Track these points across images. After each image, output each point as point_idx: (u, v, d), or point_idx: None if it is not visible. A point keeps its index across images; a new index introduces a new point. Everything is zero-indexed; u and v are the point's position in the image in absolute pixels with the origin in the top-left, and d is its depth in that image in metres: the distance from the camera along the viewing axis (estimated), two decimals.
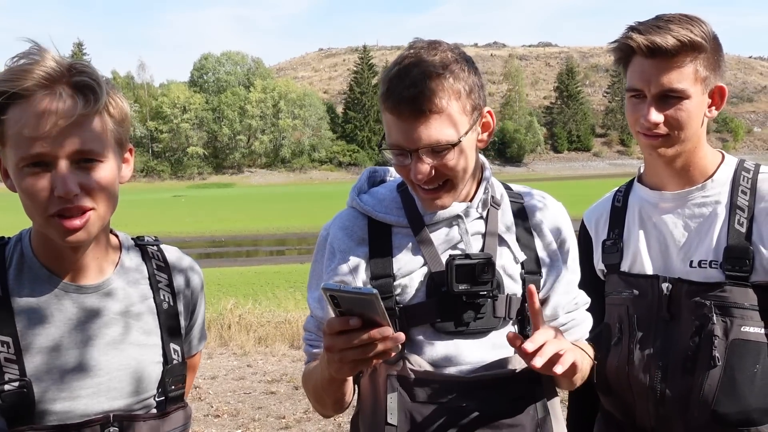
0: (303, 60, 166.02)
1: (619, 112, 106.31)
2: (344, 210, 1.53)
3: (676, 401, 1.54)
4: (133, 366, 1.35)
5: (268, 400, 5.62)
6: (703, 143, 1.62)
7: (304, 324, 1.56)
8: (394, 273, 1.41)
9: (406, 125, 1.31)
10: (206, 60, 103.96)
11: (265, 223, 30.61)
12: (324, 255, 1.49)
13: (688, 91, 1.49)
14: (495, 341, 1.41)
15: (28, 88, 1.17)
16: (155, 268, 1.43)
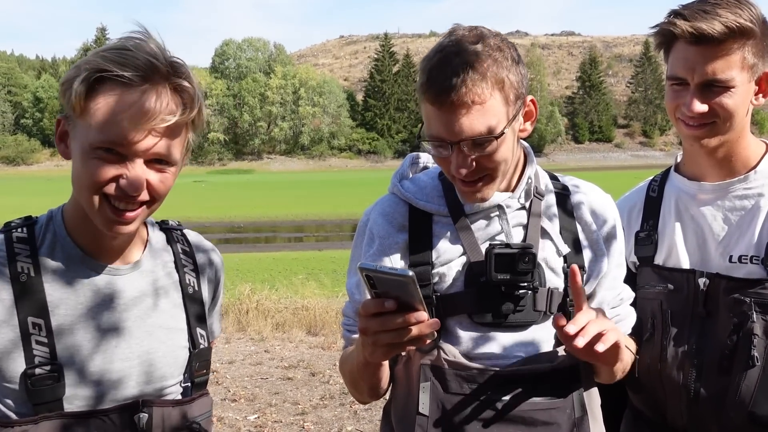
0: (324, 47, 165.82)
1: (642, 103, 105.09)
2: (385, 195, 1.51)
3: (710, 401, 1.48)
4: (162, 350, 1.33)
5: (285, 385, 5.62)
6: (747, 133, 1.54)
7: (342, 309, 1.53)
8: (433, 261, 1.38)
9: (446, 117, 1.26)
10: (227, 46, 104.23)
11: (283, 209, 30.69)
12: (363, 240, 1.48)
13: (734, 80, 1.42)
14: (534, 336, 1.37)
15: (131, 77, 1.15)
16: (180, 252, 1.42)
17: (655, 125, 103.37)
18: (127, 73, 1.14)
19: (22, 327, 1.21)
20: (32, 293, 1.23)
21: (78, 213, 1.26)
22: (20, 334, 1.21)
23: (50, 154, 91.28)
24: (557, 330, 1.24)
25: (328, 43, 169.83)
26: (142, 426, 1.25)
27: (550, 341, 1.38)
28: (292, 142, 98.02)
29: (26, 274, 1.23)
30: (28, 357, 1.20)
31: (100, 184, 1.17)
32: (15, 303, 1.21)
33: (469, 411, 1.33)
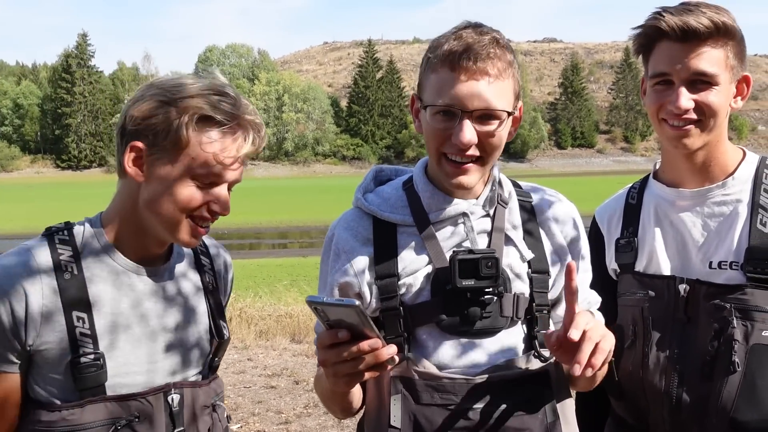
0: (308, 53, 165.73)
1: (623, 108, 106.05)
2: (349, 210, 1.51)
3: (693, 408, 1.48)
4: (191, 342, 1.49)
5: (268, 394, 5.57)
6: (725, 138, 1.55)
7: (314, 326, 1.52)
8: (399, 272, 1.38)
9: (467, 82, 1.28)
10: (211, 52, 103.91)
11: (267, 216, 30.56)
12: (329, 256, 1.48)
13: (719, 77, 1.43)
14: (504, 342, 1.37)
15: (225, 120, 1.36)
16: (200, 254, 1.58)
17: (636, 131, 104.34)
18: (221, 117, 1.35)
19: (67, 321, 1.35)
20: (76, 290, 1.37)
21: (128, 222, 1.43)
22: (66, 327, 1.35)
23: (30, 161, 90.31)
24: (551, 350, 1.25)
25: (312, 50, 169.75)
26: (175, 405, 1.42)
27: (519, 347, 1.38)
28: (276, 149, 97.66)
29: (70, 272, 1.37)
30: (74, 347, 1.35)
31: (194, 207, 1.37)
32: (61, 299, 1.35)
33: (441, 421, 1.32)
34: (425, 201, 1.42)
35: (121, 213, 1.44)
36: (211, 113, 1.34)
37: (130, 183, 1.40)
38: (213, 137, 1.35)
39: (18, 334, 1.33)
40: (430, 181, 1.43)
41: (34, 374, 1.38)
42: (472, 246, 1.39)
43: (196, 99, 1.35)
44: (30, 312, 1.33)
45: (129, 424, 1.36)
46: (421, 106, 1.36)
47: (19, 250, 1.40)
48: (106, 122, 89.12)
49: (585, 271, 1.50)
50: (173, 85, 1.38)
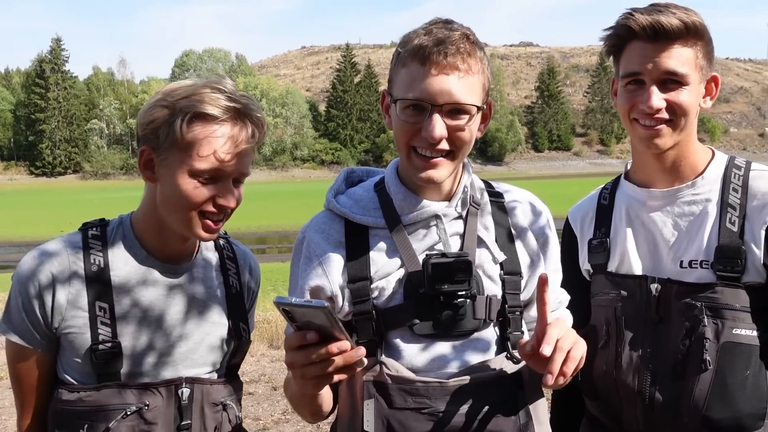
0: (285, 58, 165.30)
1: (599, 112, 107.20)
2: (320, 212, 1.50)
3: (665, 406, 1.48)
4: (207, 341, 1.54)
5: (246, 401, 5.51)
6: (694, 138, 1.56)
7: (285, 329, 1.50)
8: (371, 275, 1.37)
9: (437, 77, 1.27)
10: (188, 56, 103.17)
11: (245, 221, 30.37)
12: (300, 259, 1.46)
13: (689, 77, 1.45)
14: (476, 344, 1.37)
15: (220, 115, 1.40)
16: (226, 257, 1.63)
17: (612, 134, 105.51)
18: (215, 112, 1.39)
19: (90, 309, 1.46)
20: (101, 282, 1.47)
21: (151, 221, 1.51)
22: (88, 315, 1.46)
23: (3, 168, 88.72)
24: (524, 357, 1.26)
25: (290, 54, 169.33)
26: (185, 399, 1.48)
27: (492, 348, 1.38)
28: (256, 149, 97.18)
29: (97, 265, 1.48)
30: (94, 335, 1.45)
31: (197, 201, 1.42)
32: (86, 288, 1.46)
33: (414, 425, 1.31)
34: (397, 203, 1.41)
35: (145, 213, 1.52)
36: (203, 109, 1.38)
37: (150, 185, 1.49)
38: (207, 133, 1.39)
39: (46, 317, 1.45)
40: (402, 182, 1.42)
41: (61, 357, 1.49)
42: (445, 249, 1.38)
43: (189, 98, 1.40)
44: (57, 298, 1.44)
45: (138, 411, 1.44)
46: (391, 101, 1.35)
47: (55, 240, 1.51)
48: (81, 128, 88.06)
49: (555, 271, 1.51)
50: (171, 88, 1.44)
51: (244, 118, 1.44)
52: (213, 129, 1.40)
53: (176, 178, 1.41)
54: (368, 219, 1.42)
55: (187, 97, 1.40)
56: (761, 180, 1.51)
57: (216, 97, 1.40)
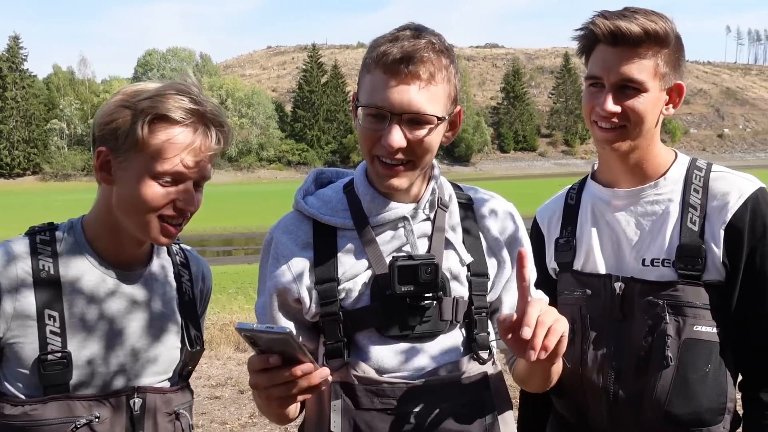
0: (251, 58, 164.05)
1: (563, 113, 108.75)
2: (288, 213, 1.49)
3: (629, 402, 1.51)
4: (160, 349, 1.50)
5: (212, 405, 5.45)
6: (657, 141, 1.59)
7: None
8: (339, 277, 1.36)
9: (397, 86, 1.27)
10: (151, 56, 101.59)
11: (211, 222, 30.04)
12: (267, 260, 1.45)
13: (646, 84, 1.47)
14: (443, 345, 1.37)
15: (182, 118, 1.37)
16: (179, 263, 1.60)
17: (576, 134, 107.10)
18: (178, 115, 1.36)
19: (39, 318, 1.39)
20: (51, 288, 1.41)
21: (104, 225, 1.46)
22: (37, 324, 1.39)
23: None
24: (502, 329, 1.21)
25: (255, 54, 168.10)
26: (137, 410, 1.44)
27: (459, 350, 1.39)
28: (219, 154, 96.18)
29: (47, 271, 1.41)
30: (42, 344, 1.38)
31: (158, 204, 1.38)
32: (35, 296, 1.39)
33: (381, 426, 1.32)
34: (365, 204, 1.41)
35: (98, 216, 1.47)
36: (165, 112, 1.35)
37: (104, 187, 1.44)
38: (169, 135, 1.36)
39: None
40: (371, 184, 1.42)
41: (4, 368, 1.41)
42: (413, 250, 1.38)
43: (152, 99, 1.36)
44: (3, 306, 1.37)
45: (89, 424, 1.38)
46: (355, 105, 1.36)
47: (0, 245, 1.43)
48: (41, 128, 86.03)
49: (530, 271, 1.50)
50: (134, 89, 1.41)
51: (207, 122, 1.41)
52: (175, 132, 1.36)
53: (135, 181, 1.37)
54: (336, 220, 1.41)
55: (150, 99, 1.37)
56: (721, 181, 1.54)
57: (179, 99, 1.38)
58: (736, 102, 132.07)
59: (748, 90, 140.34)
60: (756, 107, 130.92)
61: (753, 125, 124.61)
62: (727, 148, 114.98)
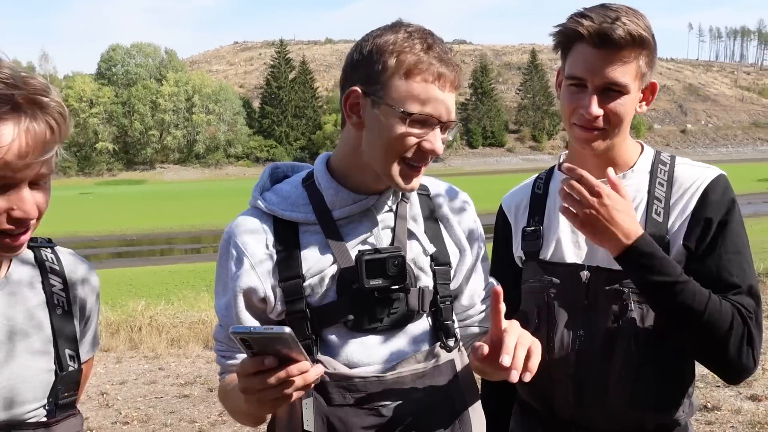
0: (217, 53, 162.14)
1: (531, 109, 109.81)
2: (246, 210, 1.43)
3: (594, 389, 1.54)
4: (25, 374, 1.26)
5: (181, 403, 5.40)
6: (627, 135, 1.61)
7: (213, 333, 1.46)
8: (303, 273, 1.34)
9: (444, 95, 1.31)
10: (114, 51, 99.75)
11: (179, 220, 29.69)
12: (228, 260, 1.39)
13: (629, 87, 1.47)
14: (410, 336, 1.38)
15: None
16: (49, 272, 1.34)
17: (543, 130, 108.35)
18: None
19: None
20: None
21: None
22: None
23: None
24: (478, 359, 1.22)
25: (222, 49, 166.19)
26: None
27: (426, 339, 1.40)
28: (186, 151, 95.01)
29: None
30: None
31: None
32: None
33: (355, 420, 1.32)
34: (329, 198, 1.39)
35: None
36: None
37: None
38: None
39: None
40: (333, 177, 1.41)
41: None
42: (377, 243, 1.38)
43: None
44: None
45: None
46: (378, 104, 1.30)
47: None
48: None
49: (485, 260, 1.55)
50: None
51: (33, 107, 1.12)
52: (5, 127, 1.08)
53: None
54: (298, 215, 1.38)
55: None
56: (684, 173, 1.58)
57: None
58: (699, 98, 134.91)
59: (709, 86, 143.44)
60: (717, 103, 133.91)
61: (714, 121, 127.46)
62: (689, 143, 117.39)
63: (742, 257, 1.49)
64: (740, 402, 4.69)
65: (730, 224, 1.49)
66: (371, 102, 1.31)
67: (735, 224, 1.50)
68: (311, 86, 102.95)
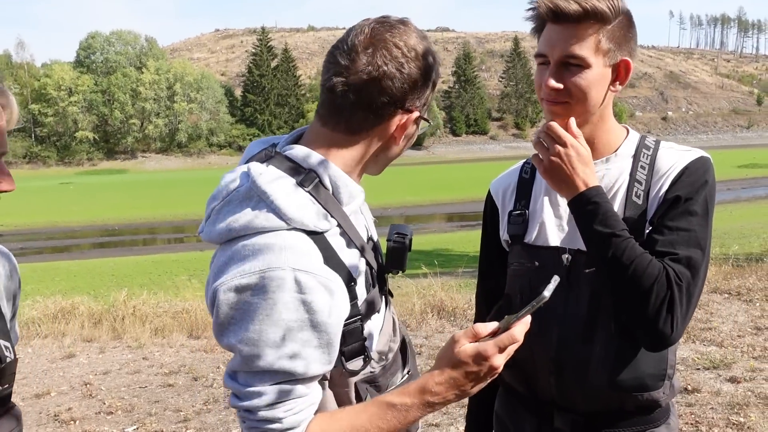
0: (198, 41, 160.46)
1: (513, 96, 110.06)
2: (291, 235, 1.18)
3: (575, 371, 1.56)
4: None
5: (166, 393, 5.38)
6: (609, 118, 1.61)
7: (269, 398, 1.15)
8: (352, 276, 1.26)
9: None
10: (93, 39, 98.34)
11: (162, 210, 29.46)
12: (313, 298, 1.15)
13: (588, 59, 1.48)
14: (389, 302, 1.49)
15: None
16: None
17: (526, 117, 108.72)
18: None
19: None
20: None
21: None
22: None
23: None
24: None
25: (203, 37, 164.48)
26: None
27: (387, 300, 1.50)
28: (168, 140, 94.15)
29: None
30: None
31: None
32: None
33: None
34: (343, 195, 1.28)
35: None
36: None
37: None
38: None
39: None
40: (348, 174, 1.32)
41: None
42: (369, 227, 1.43)
43: None
44: None
45: None
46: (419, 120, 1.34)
47: None
48: None
49: None
50: None
51: None
52: None
53: None
54: (327, 225, 1.24)
55: None
56: (665, 157, 1.59)
57: None
58: (679, 85, 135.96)
59: (690, 74, 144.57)
60: (698, 90, 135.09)
61: (695, 108, 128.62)
62: (670, 130, 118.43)
63: (691, 235, 1.47)
64: (720, 384, 4.77)
65: (691, 203, 1.49)
66: (416, 122, 1.32)
67: (697, 205, 1.49)
68: (294, 74, 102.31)
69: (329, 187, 1.26)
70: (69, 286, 12.89)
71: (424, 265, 9.39)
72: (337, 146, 1.27)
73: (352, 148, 1.27)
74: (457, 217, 26.27)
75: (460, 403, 4.66)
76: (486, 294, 1.82)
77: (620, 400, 1.55)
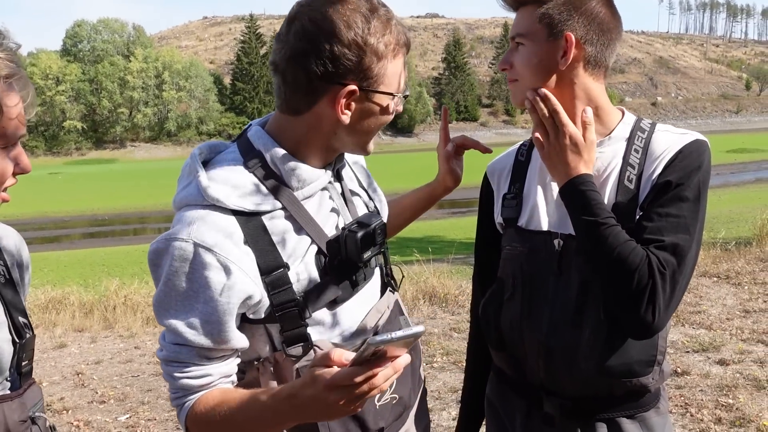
0: (186, 28, 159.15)
1: (503, 83, 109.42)
2: (203, 211, 1.22)
3: (563, 355, 1.56)
4: None
5: (158, 381, 5.38)
6: (598, 99, 1.60)
7: (164, 354, 1.26)
8: (286, 262, 1.27)
9: None
10: (80, 27, 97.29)
11: (152, 199, 29.31)
12: (204, 270, 1.19)
13: (526, 37, 1.53)
14: (373, 290, 1.45)
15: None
16: None
17: None
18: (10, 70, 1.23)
19: None
20: None
21: None
22: None
23: None
24: None
25: (191, 25, 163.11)
26: None
27: (378, 285, 1.49)
28: (157, 129, 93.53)
29: None
30: None
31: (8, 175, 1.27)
32: None
33: None
34: (291, 179, 1.30)
35: None
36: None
37: None
38: None
39: None
40: (294, 156, 1.32)
41: None
42: (342, 213, 1.39)
43: None
44: None
45: None
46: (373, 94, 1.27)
47: None
48: None
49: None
50: None
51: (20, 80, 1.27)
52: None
53: None
54: (266, 206, 1.26)
55: None
56: (660, 140, 1.57)
57: None
58: (669, 71, 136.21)
59: (679, 59, 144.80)
60: (687, 76, 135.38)
61: (684, 93, 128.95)
62: (660, 115, 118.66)
63: (680, 221, 1.45)
64: (709, 366, 4.82)
65: (682, 189, 1.47)
66: (365, 95, 1.26)
67: (688, 190, 1.47)
68: None
69: (275, 169, 1.29)
70: (59, 277, 12.83)
71: (416, 251, 9.41)
72: (286, 128, 1.30)
73: (298, 128, 1.28)
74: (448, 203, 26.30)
75: (452, 388, 4.69)
76: (482, 276, 1.82)
77: (609, 385, 1.55)
